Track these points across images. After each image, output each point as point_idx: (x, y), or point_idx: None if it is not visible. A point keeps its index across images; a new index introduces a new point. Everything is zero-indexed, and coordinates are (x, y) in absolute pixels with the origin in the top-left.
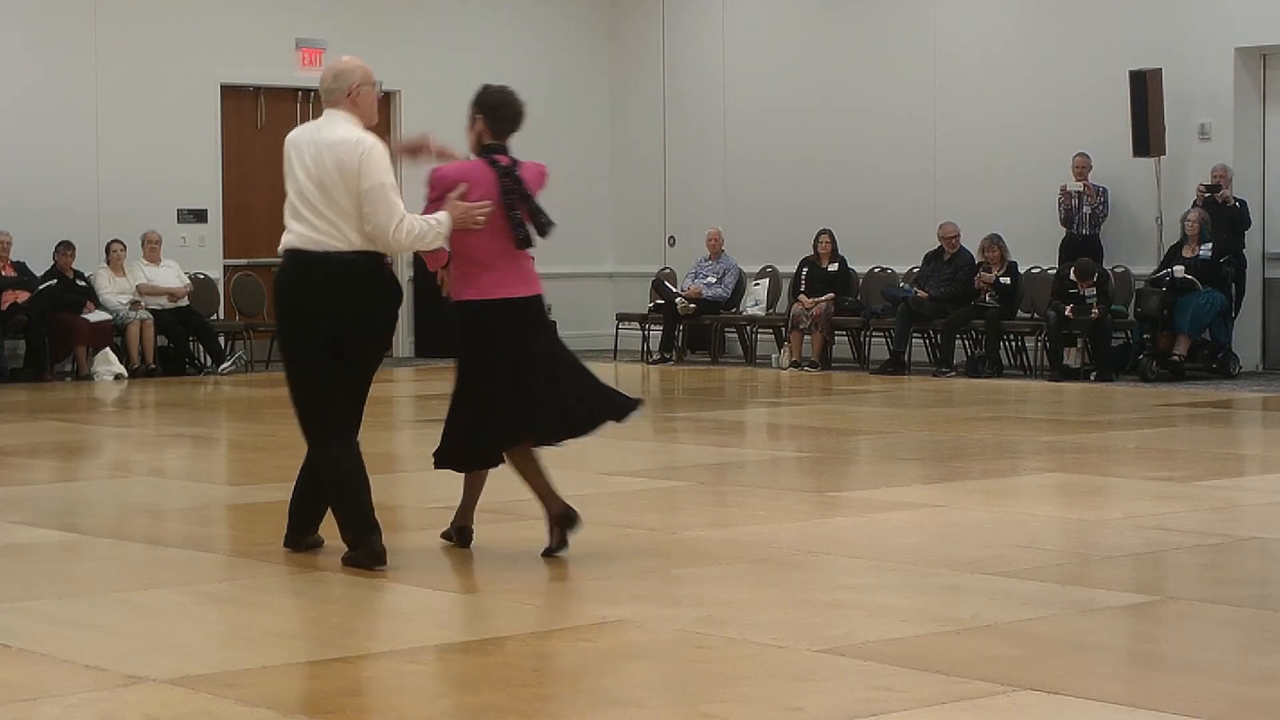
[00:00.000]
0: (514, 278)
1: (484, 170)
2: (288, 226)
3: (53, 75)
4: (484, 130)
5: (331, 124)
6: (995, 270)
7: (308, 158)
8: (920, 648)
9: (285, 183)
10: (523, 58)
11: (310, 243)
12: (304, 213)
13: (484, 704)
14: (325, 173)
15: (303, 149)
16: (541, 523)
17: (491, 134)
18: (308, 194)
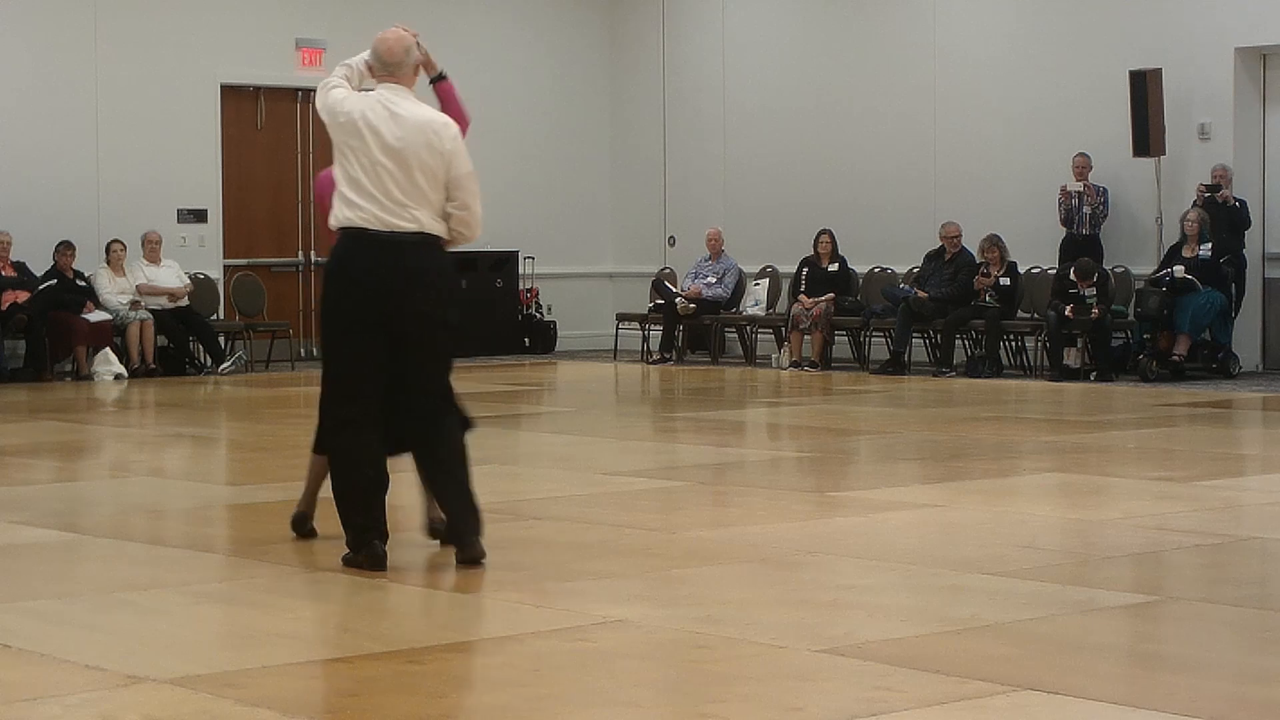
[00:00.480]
0: None
1: None
2: (349, 203)
3: (53, 75)
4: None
5: (402, 100)
6: (995, 270)
7: (386, 134)
8: (920, 648)
9: (345, 156)
10: (523, 58)
11: (378, 222)
12: (373, 191)
13: (484, 704)
14: (413, 155)
15: (378, 125)
16: (543, 522)
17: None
18: (382, 172)
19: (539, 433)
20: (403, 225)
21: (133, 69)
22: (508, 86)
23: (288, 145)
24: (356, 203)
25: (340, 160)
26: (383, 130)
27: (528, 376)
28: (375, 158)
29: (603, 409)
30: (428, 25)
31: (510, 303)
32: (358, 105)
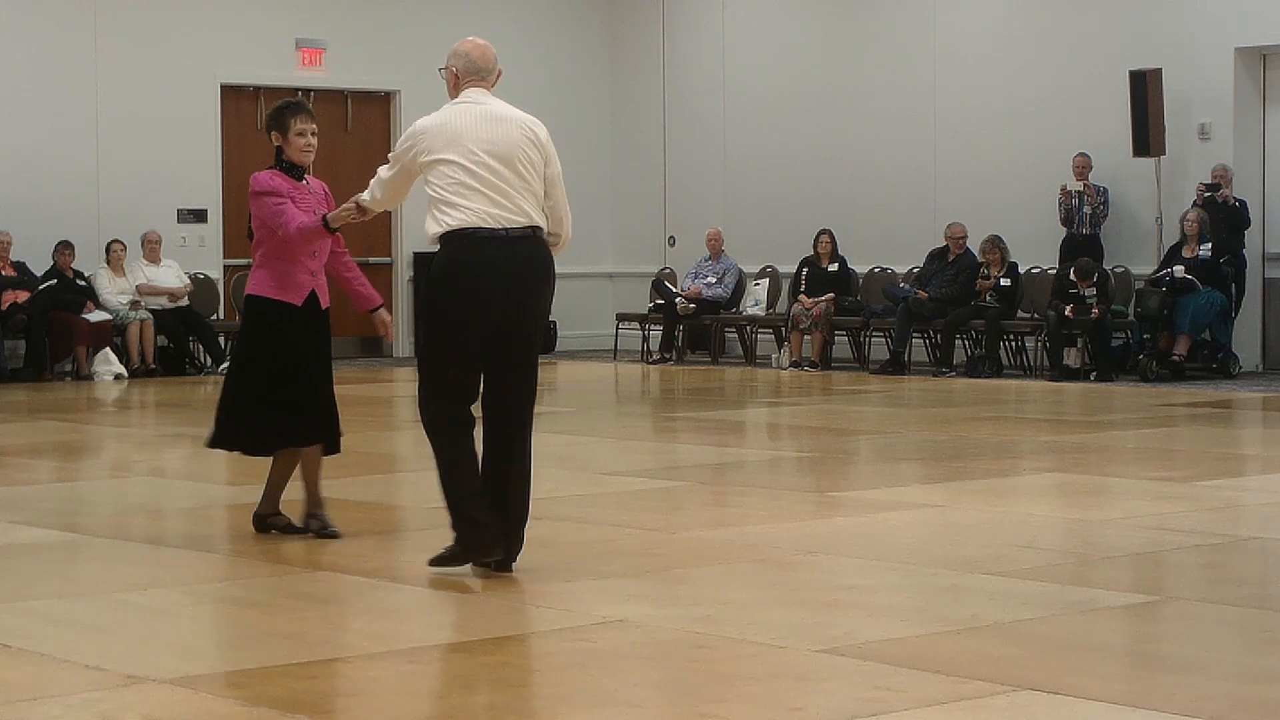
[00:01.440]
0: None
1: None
2: (454, 205)
3: (53, 75)
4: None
5: (491, 101)
6: (995, 271)
7: (484, 131)
8: (920, 648)
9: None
10: (523, 58)
11: (491, 219)
12: (480, 189)
13: (484, 704)
14: (514, 148)
15: (473, 124)
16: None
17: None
18: (485, 170)
19: (538, 433)
20: (515, 220)
21: (133, 69)
22: (508, 86)
23: None
24: (462, 204)
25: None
26: (480, 129)
27: None
28: (479, 158)
29: (603, 409)
30: (428, 25)
31: None
32: (439, 118)
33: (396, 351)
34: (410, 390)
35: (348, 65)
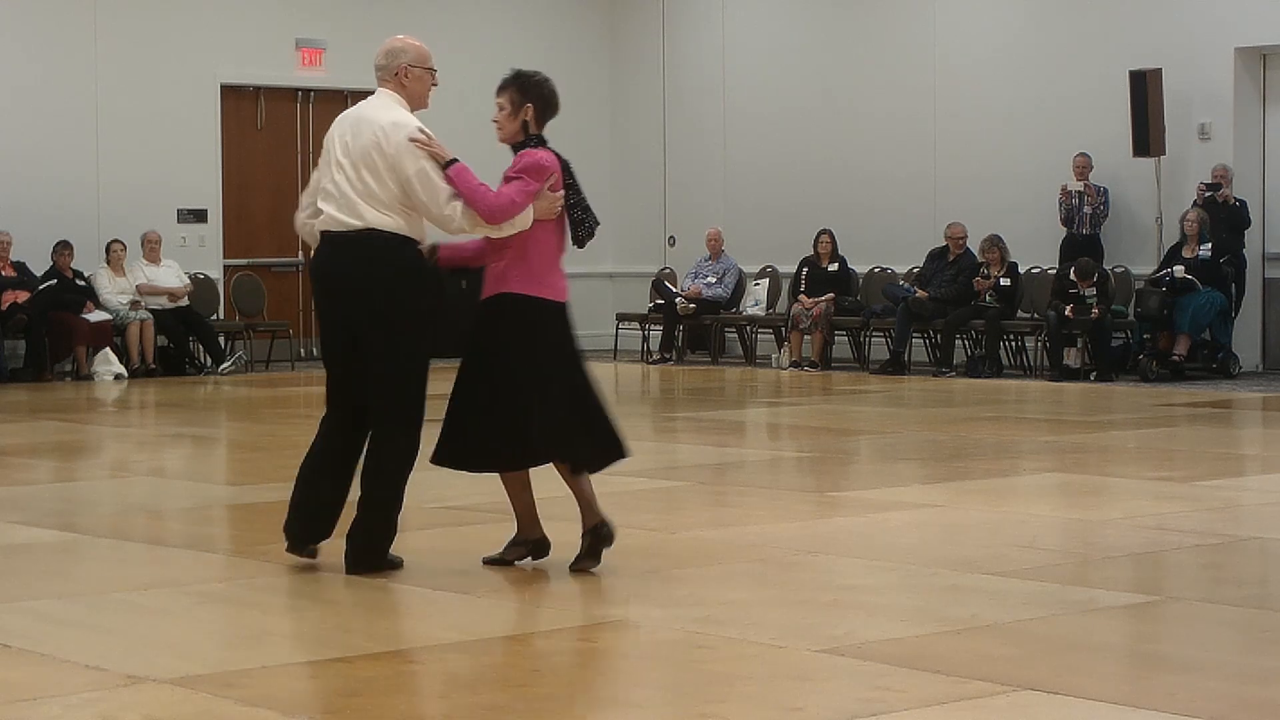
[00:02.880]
0: (562, 281)
1: (557, 161)
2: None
3: (53, 75)
4: (533, 120)
5: (369, 103)
6: (995, 271)
7: (347, 135)
8: (920, 648)
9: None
10: (523, 58)
11: (334, 222)
12: (332, 191)
13: (484, 704)
14: (362, 153)
15: (341, 128)
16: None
17: (538, 125)
18: (339, 172)
19: None
20: (350, 223)
21: (133, 69)
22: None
23: (288, 145)
24: (321, 206)
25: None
26: (345, 133)
27: None
28: (335, 160)
29: None
30: (428, 25)
31: None
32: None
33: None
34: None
35: (348, 65)
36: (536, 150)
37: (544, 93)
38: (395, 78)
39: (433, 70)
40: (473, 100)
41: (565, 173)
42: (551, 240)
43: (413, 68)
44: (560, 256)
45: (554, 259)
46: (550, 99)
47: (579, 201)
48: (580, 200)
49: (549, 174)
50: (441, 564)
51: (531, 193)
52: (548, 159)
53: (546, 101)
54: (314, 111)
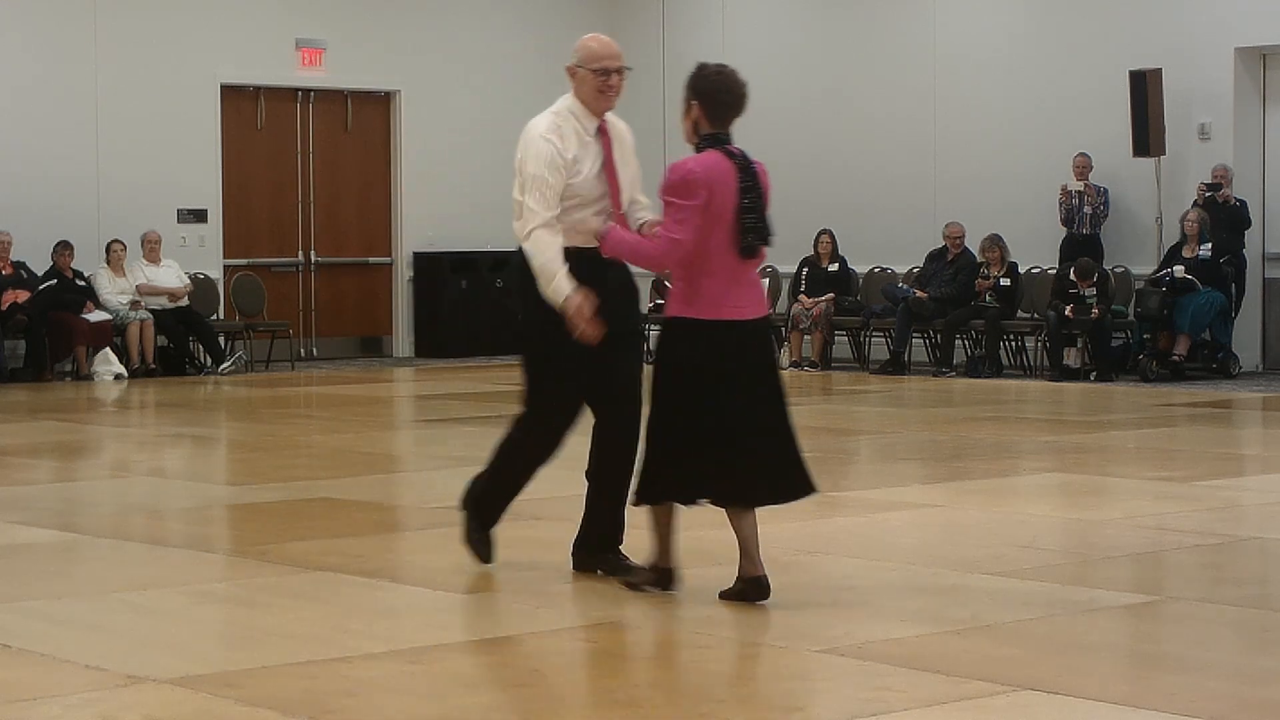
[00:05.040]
0: (742, 294)
1: (725, 165)
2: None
3: (53, 75)
4: (702, 118)
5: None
6: (995, 270)
7: None
8: (920, 648)
9: None
10: (523, 58)
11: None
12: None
13: (484, 704)
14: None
15: None
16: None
17: (710, 122)
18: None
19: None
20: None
21: (133, 69)
22: (507, 86)
23: (288, 145)
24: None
25: None
26: None
27: None
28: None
29: None
30: (428, 25)
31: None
32: None
33: (395, 351)
34: (409, 389)
35: (348, 65)
36: (687, 160)
37: (707, 86)
38: (571, 78)
39: (603, 71)
40: (473, 100)
41: (742, 176)
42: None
43: (578, 68)
44: (732, 271)
45: (717, 275)
46: (717, 93)
47: (750, 206)
48: (752, 204)
49: (700, 188)
50: (441, 564)
51: (688, 220)
52: (698, 169)
53: (713, 96)
54: (314, 111)
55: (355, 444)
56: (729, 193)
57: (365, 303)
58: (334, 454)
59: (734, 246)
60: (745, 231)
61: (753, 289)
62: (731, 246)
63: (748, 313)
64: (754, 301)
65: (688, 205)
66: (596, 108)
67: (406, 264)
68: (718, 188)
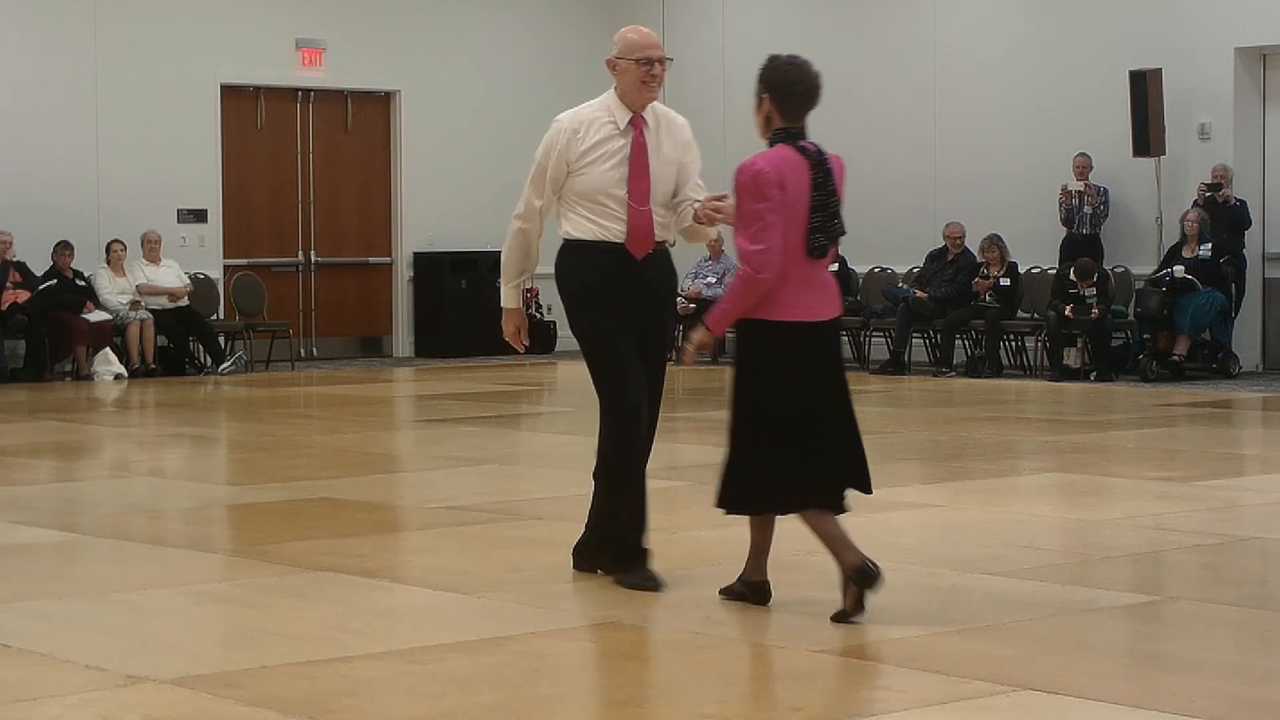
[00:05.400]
0: (813, 296)
1: (796, 160)
2: None
3: (53, 75)
4: (773, 112)
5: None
6: (995, 270)
7: None
8: (920, 648)
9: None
10: (522, 58)
11: None
12: None
13: (483, 704)
14: None
15: None
16: (543, 522)
17: (782, 116)
18: None
19: (539, 433)
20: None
21: (133, 69)
22: (508, 86)
23: (288, 145)
24: None
25: None
26: None
27: (528, 376)
28: None
29: None
30: (428, 25)
31: None
32: None
33: (395, 351)
34: (409, 389)
35: (348, 65)
36: (757, 159)
37: (780, 78)
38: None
39: (645, 60)
40: (473, 100)
41: (815, 172)
42: (789, 255)
43: (619, 60)
44: (803, 271)
45: (789, 275)
46: (789, 84)
47: (821, 204)
48: (824, 203)
49: (772, 188)
50: (441, 564)
51: (768, 227)
52: (767, 168)
53: (785, 88)
54: (314, 111)
55: (355, 444)
56: (802, 191)
57: (365, 303)
58: (334, 454)
59: (804, 246)
60: (814, 231)
61: (825, 289)
62: (802, 246)
63: (820, 314)
64: (827, 302)
65: (762, 210)
66: (638, 99)
67: (406, 264)
68: (790, 185)
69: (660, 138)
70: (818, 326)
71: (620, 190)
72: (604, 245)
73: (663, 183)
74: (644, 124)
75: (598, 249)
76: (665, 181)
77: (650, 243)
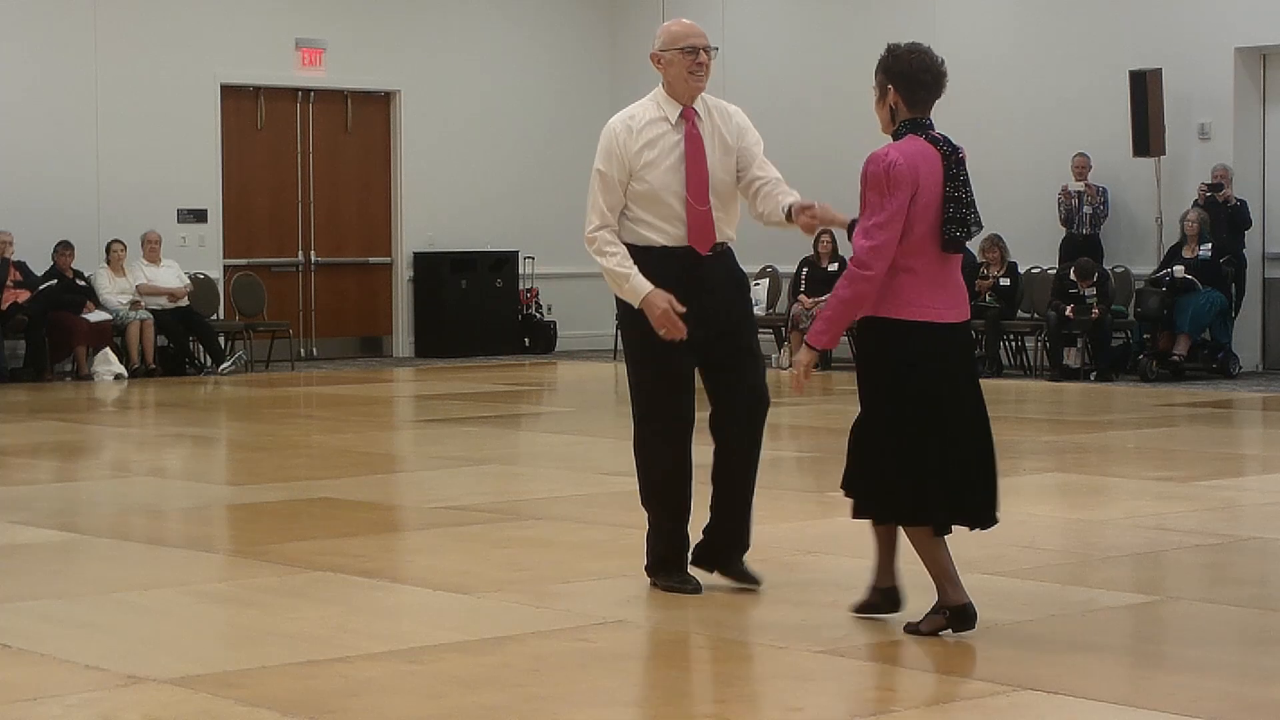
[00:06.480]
0: (943, 295)
1: (929, 152)
2: None
3: (53, 75)
4: (899, 102)
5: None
6: (995, 270)
7: None
8: (920, 648)
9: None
10: (523, 58)
11: None
12: None
13: (483, 704)
14: None
15: None
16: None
17: (909, 106)
18: None
19: (539, 433)
20: None
21: (133, 69)
22: (508, 86)
23: (288, 145)
24: None
25: None
26: None
27: (528, 376)
28: None
29: (603, 409)
30: (428, 25)
31: (510, 303)
32: None
33: (395, 351)
34: (409, 389)
35: (348, 65)
36: (890, 150)
37: (904, 67)
38: (657, 66)
39: (691, 49)
40: (473, 100)
41: (947, 163)
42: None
43: (664, 52)
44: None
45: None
46: (915, 73)
47: (956, 197)
48: (958, 195)
49: (905, 182)
50: (441, 564)
51: (892, 221)
52: (901, 160)
53: (911, 77)
54: (314, 111)
55: (355, 444)
56: (935, 183)
57: (365, 303)
58: (334, 454)
59: (936, 240)
60: (948, 222)
61: (956, 290)
62: (934, 241)
63: (949, 315)
64: (957, 303)
65: (891, 203)
66: (686, 91)
67: (406, 264)
68: (924, 178)
69: (714, 127)
70: (948, 329)
71: (682, 189)
72: (665, 250)
73: (722, 173)
74: (696, 116)
75: (659, 255)
76: (725, 171)
77: (712, 238)
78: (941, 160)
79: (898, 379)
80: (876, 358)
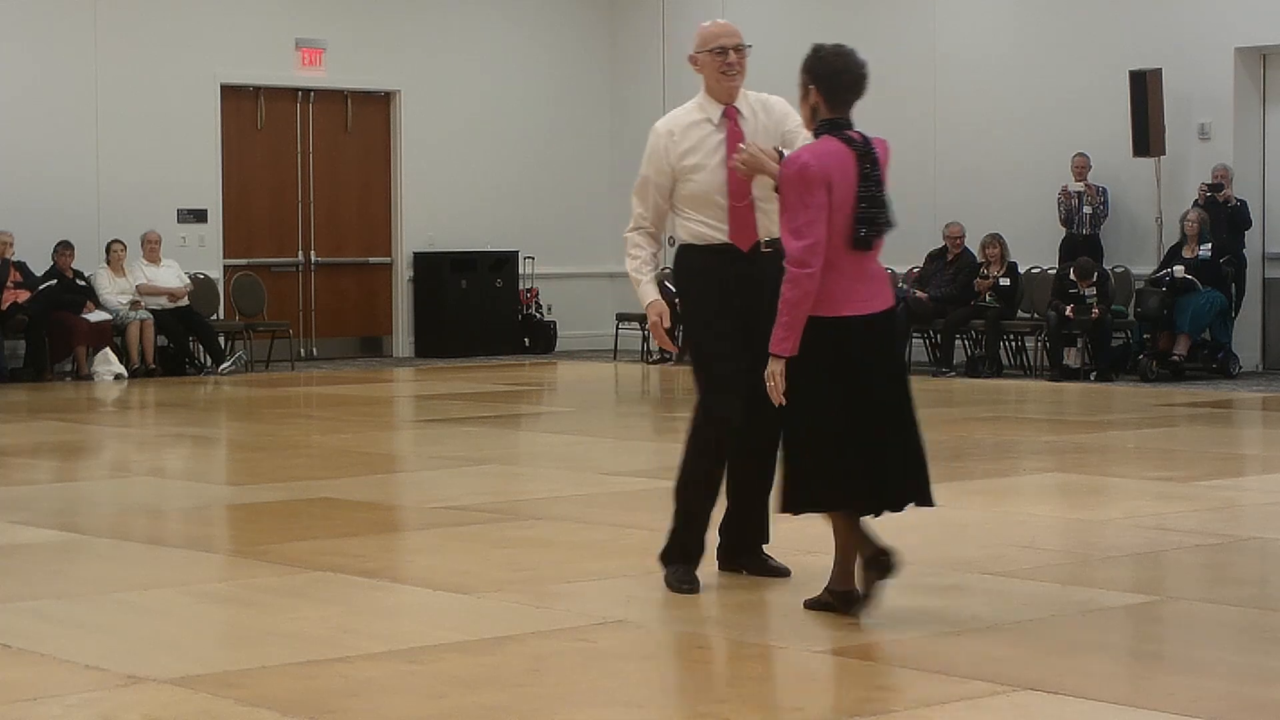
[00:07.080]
0: (865, 288)
1: (843, 151)
2: None
3: (53, 75)
4: (820, 102)
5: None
6: (995, 269)
7: None
8: (920, 648)
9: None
10: (523, 58)
11: None
12: None
13: (483, 704)
14: None
15: None
16: (543, 522)
17: (829, 107)
18: None
19: (539, 433)
20: None
21: (133, 69)
22: (508, 86)
23: (288, 145)
24: None
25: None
26: None
27: (528, 376)
28: None
29: (603, 409)
30: (428, 26)
31: (510, 303)
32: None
33: (395, 351)
34: (409, 389)
35: (348, 65)
36: (802, 152)
37: (826, 68)
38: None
39: (720, 49)
40: (474, 100)
41: (862, 163)
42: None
43: (697, 55)
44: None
45: (840, 269)
46: (836, 74)
47: (868, 196)
48: (870, 194)
49: (818, 184)
50: (441, 564)
51: (813, 221)
52: (813, 162)
53: (832, 78)
54: (314, 111)
55: (355, 444)
56: (849, 182)
57: (365, 303)
58: (334, 454)
59: (849, 238)
60: (858, 222)
61: (877, 280)
62: (847, 238)
63: (874, 305)
64: (878, 295)
65: (812, 202)
66: (721, 91)
67: (406, 264)
68: (837, 178)
69: (758, 123)
70: (866, 321)
71: (727, 189)
72: (712, 247)
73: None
74: (737, 114)
75: (707, 251)
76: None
77: (754, 235)
78: (855, 160)
79: (818, 373)
80: (804, 355)
